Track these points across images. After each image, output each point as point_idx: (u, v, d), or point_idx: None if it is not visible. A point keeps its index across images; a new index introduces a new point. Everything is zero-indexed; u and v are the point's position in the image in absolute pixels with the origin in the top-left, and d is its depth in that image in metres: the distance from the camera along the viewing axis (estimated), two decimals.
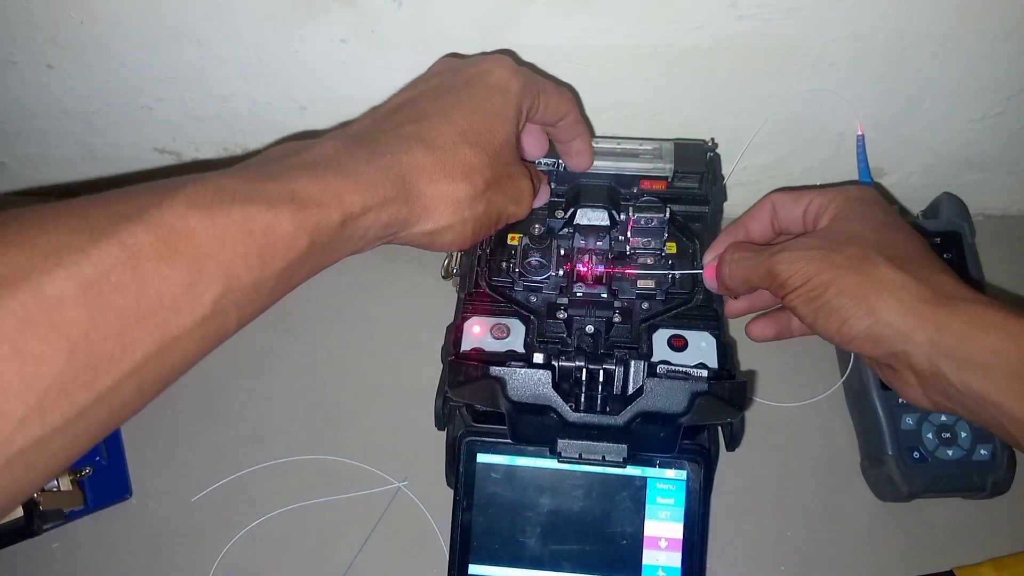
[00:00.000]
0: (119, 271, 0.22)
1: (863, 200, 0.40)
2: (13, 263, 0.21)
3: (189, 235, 0.24)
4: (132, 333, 0.23)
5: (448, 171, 0.33)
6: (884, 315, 0.34)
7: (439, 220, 0.33)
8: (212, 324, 0.25)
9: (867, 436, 0.49)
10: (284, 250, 0.27)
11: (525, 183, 0.38)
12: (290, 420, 0.52)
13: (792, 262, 0.37)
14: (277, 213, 0.26)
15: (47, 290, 0.21)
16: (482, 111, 0.36)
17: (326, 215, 0.28)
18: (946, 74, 0.49)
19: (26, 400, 0.20)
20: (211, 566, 0.47)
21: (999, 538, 0.47)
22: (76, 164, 0.59)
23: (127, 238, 0.23)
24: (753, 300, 0.45)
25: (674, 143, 0.49)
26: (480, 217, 0.35)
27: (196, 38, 0.48)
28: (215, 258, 0.25)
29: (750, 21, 0.44)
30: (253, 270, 0.26)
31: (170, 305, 0.23)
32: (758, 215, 0.44)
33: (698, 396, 0.36)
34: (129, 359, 0.23)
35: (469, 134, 0.34)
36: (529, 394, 0.37)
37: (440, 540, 0.47)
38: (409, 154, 0.32)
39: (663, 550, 0.42)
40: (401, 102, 0.36)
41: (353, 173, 0.30)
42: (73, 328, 0.21)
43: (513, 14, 0.45)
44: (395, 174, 0.31)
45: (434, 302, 0.51)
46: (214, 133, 0.56)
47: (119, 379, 0.23)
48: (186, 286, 0.24)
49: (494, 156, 0.35)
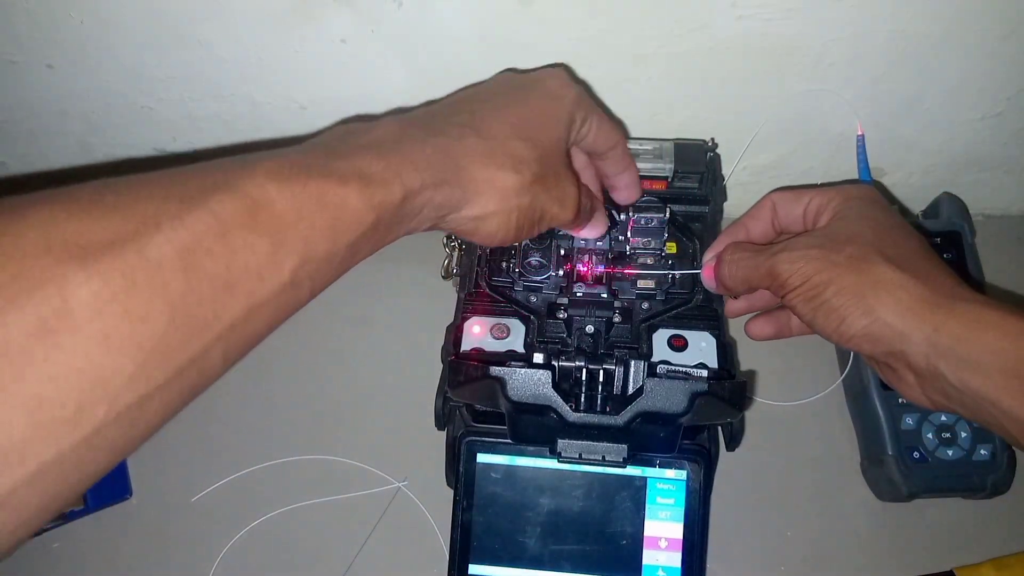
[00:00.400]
0: (211, 238, 0.23)
1: (863, 199, 0.40)
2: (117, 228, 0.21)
3: (270, 206, 0.25)
4: (222, 299, 0.23)
5: (498, 159, 0.34)
6: (882, 314, 0.35)
7: (486, 206, 0.34)
8: (290, 294, 0.26)
9: (867, 436, 0.49)
10: (353, 224, 0.28)
11: (572, 188, 0.38)
12: (290, 420, 0.52)
13: (792, 261, 0.37)
14: (347, 188, 0.27)
15: (149, 253, 0.21)
16: (535, 111, 0.37)
17: (390, 192, 0.29)
18: (946, 74, 0.49)
19: (135, 358, 0.21)
20: (211, 566, 0.47)
21: (999, 538, 0.47)
22: (76, 164, 0.59)
23: (216, 206, 0.24)
24: (752, 300, 0.45)
25: (674, 143, 0.49)
26: (525, 210, 0.35)
27: (196, 38, 0.48)
28: (294, 229, 0.25)
29: (750, 21, 0.44)
30: (326, 242, 0.27)
31: (255, 273, 0.24)
32: (758, 215, 0.44)
33: (698, 396, 0.36)
34: (219, 324, 0.23)
35: (521, 129, 0.35)
36: (529, 394, 0.37)
37: (440, 540, 0.47)
38: (462, 140, 0.33)
39: (663, 550, 0.42)
40: (458, 99, 0.37)
41: (412, 153, 0.31)
42: (173, 291, 0.22)
43: (513, 14, 0.45)
44: (449, 157, 0.32)
45: (434, 302, 0.51)
46: (214, 133, 0.56)
47: (209, 343, 0.23)
48: (269, 255, 0.25)
49: (543, 153, 0.36)
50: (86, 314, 0.20)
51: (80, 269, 0.20)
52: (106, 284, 0.20)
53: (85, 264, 0.20)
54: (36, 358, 0.19)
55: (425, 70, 0.49)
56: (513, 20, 0.45)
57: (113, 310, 0.20)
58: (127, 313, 0.21)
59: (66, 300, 0.20)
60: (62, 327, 0.19)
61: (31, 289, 0.19)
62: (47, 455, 0.19)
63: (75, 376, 0.20)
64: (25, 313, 0.19)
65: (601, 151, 0.42)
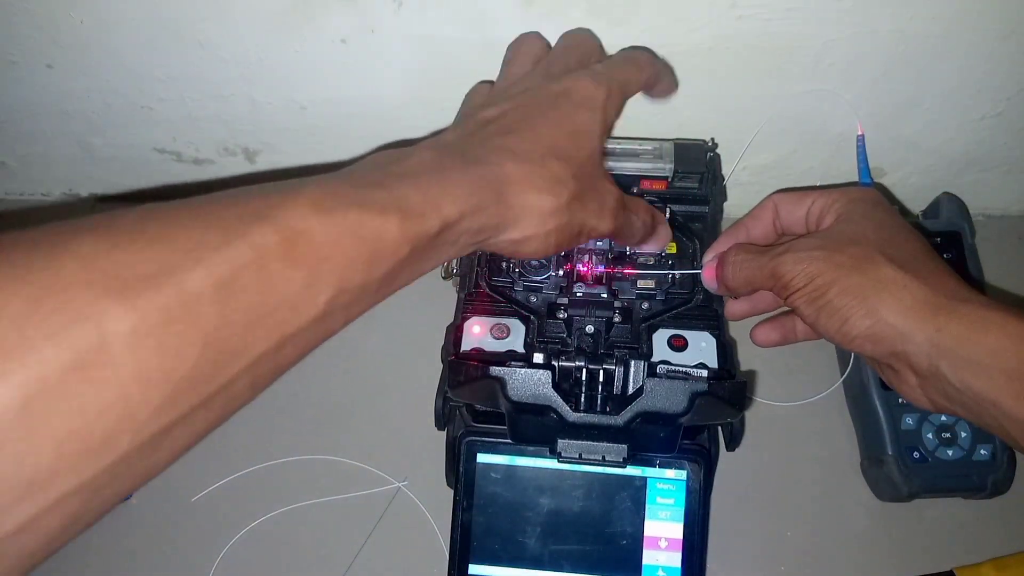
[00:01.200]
0: (248, 270, 0.23)
1: (866, 201, 0.40)
2: (159, 260, 0.21)
3: (310, 238, 0.25)
4: (254, 330, 0.23)
5: (535, 183, 0.33)
6: (885, 315, 0.35)
7: (525, 230, 0.34)
8: (322, 324, 0.26)
9: (867, 436, 0.49)
10: (389, 256, 0.28)
11: (610, 199, 0.38)
12: (290, 420, 0.52)
13: (795, 263, 0.37)
14: (385, 220, 0.27)
15: (188, 287, 0.22)
16: (568, 127, 0.36)
17: (427, 223, 0.29)
18: (946, 74, 0.49)
19: (163, 391, 0.21)
20: (211, 566, 0.47)
21: (999, 538, 0.47)
22: (76, 164, 0.59)
23: (256, 238, 0.23)
24: (755, 302, 0.45)
25: (674, 143, 0.49)
26: (563, 228, 0.35)
27: (196, 38, 0.48)
28: (331, 261, 0.25)
29: (750, 21, 0.44)
30: (361, 274, 0.27)
31: (289, 305, 0.24)
32: (760, 216, 0.44)
33: (698, 396, 0.36)
34: (248, 355, 0.23)
35: (556, 149, 0.35)
36: (529, 394, 0.37)
37: (440, 540, 0.47)
38: (501, 165, 0.33)
39: (663, 550, 0.42)
40: (490, 116, 0.37)
41: (450, 182, 0.30)
42: (206, 324, 0.22)
43: (514, 14, 0.45)
44: (488, 184, 0.32)
45: (434, 302, 0.51)
46: (214, 133, 0.56)
47: (237, 373, 0.23)
48: (305, 287, 0.25)
49: (579, 170, 0.35)
50: (121, 350, 0.20)
51: (119, 304, 0.20)
52: (143, 319, 0.20)
53: (124, 298, 0.20)
54: (69, 393, 0.19)
55: (425, 70, 0.49)
56: (513, 20, 0.45)
57: (148, 344, 0.20)
58: (161, 347, 0.21)
59: (103, 336, 0.20)
60: (98, 362, 0.19)
61: (70, 324, 0.19)
62: (70, 484, 0.20)
63: (105, 410, 0.20)
64: (62, 349, 0.19)
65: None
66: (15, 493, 0.19)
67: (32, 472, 0.19)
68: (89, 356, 0.19)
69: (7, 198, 0.63)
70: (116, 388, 0.20)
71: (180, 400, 0.22)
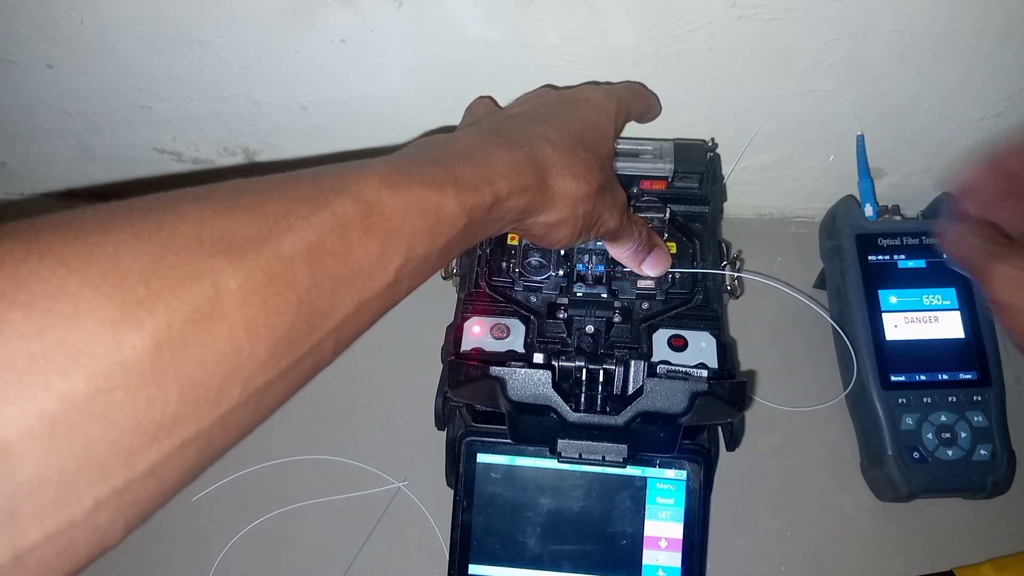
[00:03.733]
0: (332, 238, 0.25)
1: None
2: (256, 225, 0.23)
3: (381, 209, 0.27)
4: (339, 294, 0.25)
5: (571, 169, 0.36)
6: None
7: (560, 213, 0.36)
8: (392, 290, 0.28)
9: (867, 436, 0.49)
10: (448, 227, 0.30)
11: (621, 196, 0.41)
12: (290, 420, 0.52)
13: (1004, 280, 0.37)
14: (445, 194, 0.29)
15: (283, 250, 0.23)
16: (591, 125, 0.39)
17: (481, 197, 0.31)
18: (946, 74, 0.49)
19: (267, 346, 0.23)
20: (211, 566, 0.47)
21: (999, 538, 0.47)
22: (76, 164, 0.59)
23: (338, 208, 0.25)
24: None
25: (674, 143, 0.49)
26: (588, 216, 0.37)
27: (196, 38, 0.48)
28: (400, 231, 0.27)
29: (750, 21, 0.44)
30: (425, 244, 0.29)
31: (367, 271, 0.26)
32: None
33: (698, 396, 0.36)
34: (335, 317, 0.25)
35: (584, 141, 0.37)
36: (529, 394, 0.37)
37: (440, 540, 0.47)
38: (541, 150, 0.35)
39: (663, 550, 0.42)
40: (519, 111, 0.39)
41: (500, 161, 0.33)
42: (300, 285, 0.24)
43: (513, 14, 0.45)
44: (531, 166, 0.34)
45: (434, 302, 0.51)
46: (214, 133, 0.56)
47: (325, 334, 0.25)
48: (379, 255, 0.27)
49: (603, 163, 0.38)
50: (233, 304, 0.22)
51: (228, 263, 0.22)
52: (250, 276, 0.22)
53: (232, 258, 0.22)
54: (191, 342, 0.20)
55: (425, 70, 0.49)
56: (513, 20, 0.45)
57: (254, 300, 0.22)
58: (265, 304, 0.22)
59: (217, 290, 0.21)
60: (214, 315, 0.21)
61: (189, 279, 0.21)
62: (190, 431, 0.21)
63: (220, 359, 0.21)
64: (184, 301, 0.20)
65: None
66: (146, 436, 0.20)
67: (160, 416, 0.20)
68: (206, 308, 0.21)
69: (7, 198, 0.63)
70: (229, 340, 0.21)
71: (281, 356, 0.23)
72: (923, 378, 0.48)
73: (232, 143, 0.57)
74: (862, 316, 0.49)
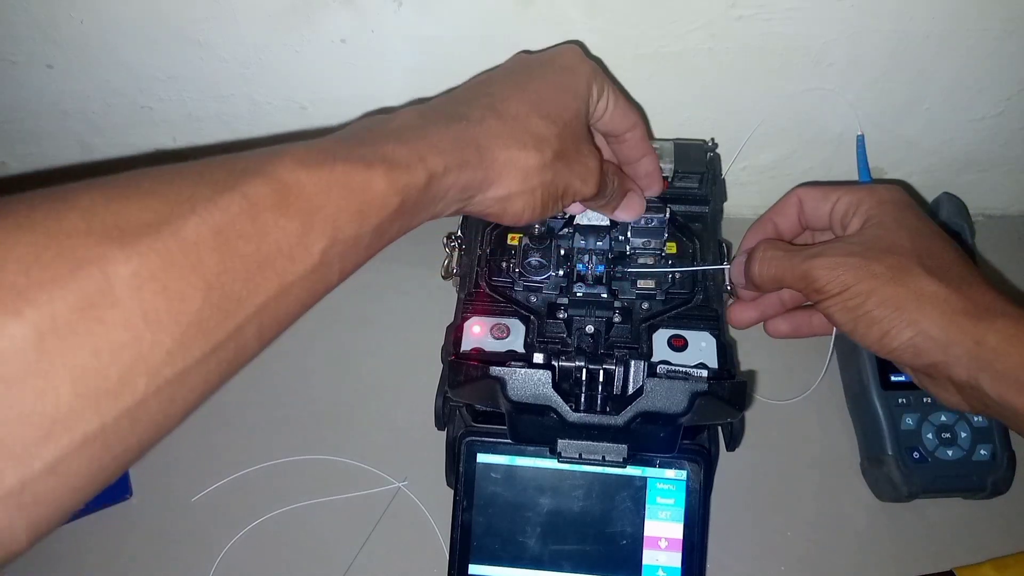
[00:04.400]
0: (242, 219, 0.24)
1: (896, 203, 0.39)
2: (154, 210, 0.22)
3: (300, 189, 0.26)
4: (255, 278, 0.24)
5: (518, 139, 0.34)
6: (926, 328, 0.35)
7: (510, 186, 0.34)
8: (319, 274, 0.27)
9: (867, 436, 0.49)
10: (379, 207, 0.29)
11: (592, 162, 0.38)
12: (290, 420, 0.52)
13: (831, 268, 0.37)
14: (372, 172, 0.28)
15: (185, 234, 0.23)
16: (554, 86, 0.37)
17: (414, 175, 0.30)
18: (946, 74, 0.49)
19: (172, 333, 0.22)
20: (211, 566, 0.47)
21: (999, 538, 0.47)
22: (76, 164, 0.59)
23: (248, 189, 0.25)
24: (763, 308, 0.46)
25: (674, 143, 0.49)
26: (548, 186, 0.36)
27: (196, 38, 0.48)
28: (322, 211, 0.26)
29: (750, 21, 0.44)
30: (353, 224, 0.28)
31: (286, 253, 0.25)
32: (784, 210, 0.44)
33: (698, 396, 0.36)
34: (252, 302, 0.25)
35: (541, 106, 0.36)
36: (529, 394, 0.37)
37: (440, 540, 0.47)
38: (483, 122, 0.34)
39: (663, 550, 0.42)
40: (476, 82, 0.38)
41: (434, 138, 0.32)
42: (208, 270, 0.23)
43: (513, 14, 0.45)
44: (471, 139, 0.33)
45: (434, 302, 0.51)
46: (214, 133, 0.56)
47: (244, 320, 0.24)
48: (299, 236, 0.26)
49: (563, 128, 0.36)
50: (126, 291, 0.21)
51: (120, 249, 0.21)
52: (144, 263, 0.21)
53: (124, 245, 0.21)
54: (80, 331, 0.20)
55: (425, 70, 0.49)
56: (513, 20, 0.45)
57: (152, 287, 0.21)
58: (165, 290, 0.22)
59: (107, 277, 0.21)
60: (104, 303, 0.20)
61: (74, 268, 0.20)
62: (92, 425, 0.20)
63: (117, 350, 0.21)
64: (69, 290, 0.20)
65: (619, 132, 0.42)
66: (40, 430, 0.19)
67: (53, 410, 0.19)
68: (95, 297, 0.20)
69: None
70: (125, 329, 0.21)
71: (192, 344, 0.23)
72: None
73: (232, 143, 0.57)
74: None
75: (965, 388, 0.35)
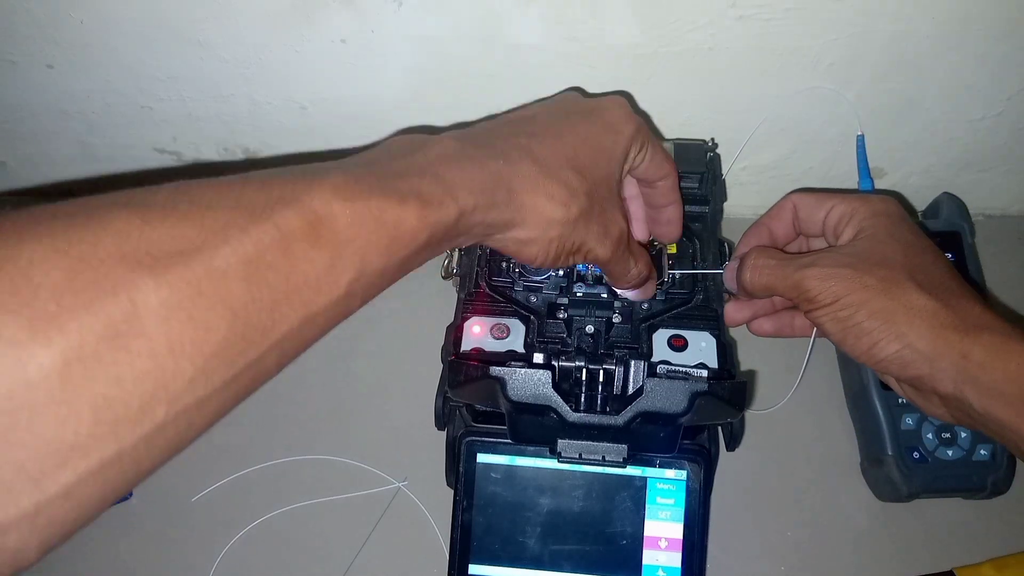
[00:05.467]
0: (273, 251, 0.24)
1: (890, 216, 0.40)
2: (187, 237, 0.22)
3: (332, 222, 0.26)
4: (281, 309, 0.24)
5: (548, 188, 0.34)
6: (913, 340, 0.36)
7: (530, 231, 0.34)
8: (343, 305, 0.27)
9: (867, 436, 0.49)
10: (408, 242, 0.29)
11: (615, 227, 0.38)
12: (290, 420, 0.52)
13: (822, 279, 0.38)
14: (405, 208, 0.28)
15: (216, 264, 0.23)
16: (593, 143, 0.37)
17: (445, 213, 0.30)
18: (946, 74, 0.49)
19: (196, 362, 0.22)
20: (211, 566, 0.47)
21: (999, 538, 0.47)
22: (76, 164, 0.59)
23: (280, 220, 0.25)
24: (755, 308, 0.46)
25: (674, 143, 0.49)
26: (565, 240, 0.35)
27: (196, 38, 0.48)
28: (352, 245, 0.26)
29: (750, 21, 0.44)
30: (381, 258, 0.28)
31: (313, 285, 0.25)
32: (779, 216, 0.44)
33: (698, 396, 0.36)
34: (276, 332, 0.25)
35: (576, 160, 0.35)
36: (529, 394, 0.37)
37: (440, 540, 0.47)
38: (518, 163, 0.33)
39: (663, 550, 0.42)
40: (520, 116, 0.38)
41: (468, 175, 0.31)
42: (235, 300, 0.23)
43: (513, 14, 0.45)
44: (504, 180, 0.33)
45: (434, 302, 0.51)
46: (214, 133, 0.56)
47: (266, 349, 0.24)
48: (327, 269, 0.26)
49: (593, 187, 0.36)
50: (154, 320, 0.21)
51: (150, 277, 0.21)
52: (173, 292, 0.21)
53: (155, 273, 0.21)
54: (105, 360, 0.20)
55: (425, 70, 0.49)
56: (513, 20, 0.45)
57: (179, 317, 0.21)
58: (192, 320, 0.22)
59: (136, 306, 0.21)
60: (131, 332, 0.20)
61: (104, 294, 0.20)
62: (109, 451, 0.20)
63: (140, 378, 0.21)
64: (98, 318, 0.20)
65: (652, 180, 0.41)
66: (58, 457, 0.19)
67: (73, 437, 0.19)
68: (122, 326, 0.20)
69: (7, 198, 0.63)
70: (150, 358, 0.21)
71: (213, 373, 0.23)
72: None
73: (232, 143, 0.57)
74: None
75: (951, 401, 0.36)
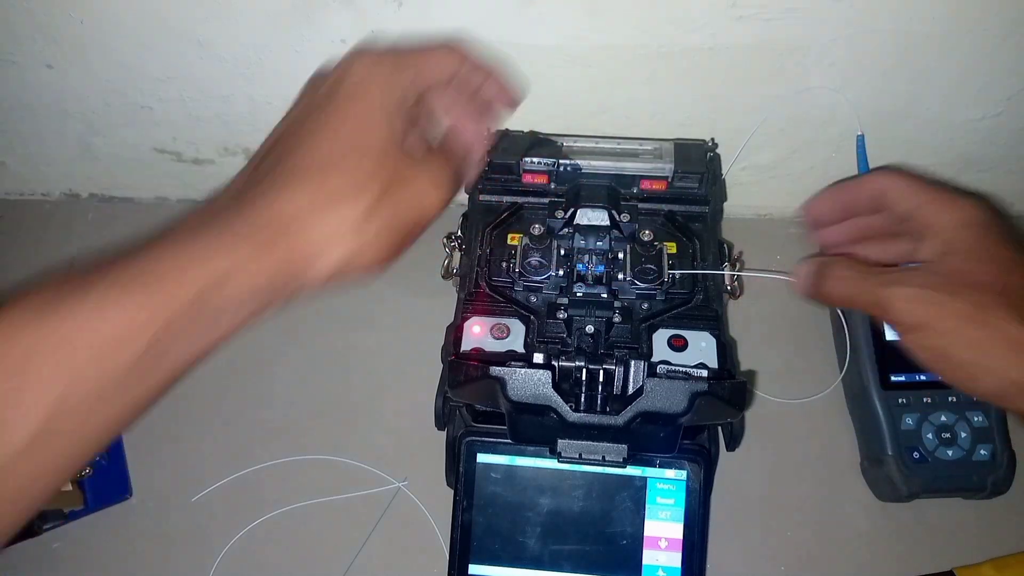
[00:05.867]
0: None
1: (982, 226, 0.37)
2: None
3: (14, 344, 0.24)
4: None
5: (328, 199, 0.30)
6: (1017, 378, 0.34)
7: (339, 252, 0.30)
8: (49, 443, 0.24)
9: (867, 436, 0.49)
10: (122, 350, 0.25)
11: (425, 174, 0.33)
12: (290, 420, 0.52)
13: (909, 300, 0.36)
14: (105, 309, 0.25)
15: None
16: (350, 121, 0.32)
17: (171, 295, 0.26)
18: (946, 74, 0.49)
19: None
20: (211, 566, 0.47)
21: (999, 538, 0.47)
22: (76, 164, 0.59)
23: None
24: (851, 231, 0.44)
25: (674, 143, 0.49)
26: (391, 222, 0.31)
27: (196, 38, 0.48)
28: (41, 371, 0.24)
29: (750, 21, 0.44)
30: (92, 372, 0.25)
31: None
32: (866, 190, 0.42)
33: (698, 396, 0.36)
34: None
35: (343, 152, 0.31)
36: (529, 394, 0.37)
37: (440, 540, 0.47)
38: (280, 196, 0.29)
39: (663, 550, 0.42)
40: (273, 141, 0.34)
41: (213, 232, 0.28)
42: None
43: (513, 14, 0.45)
44: (269, 219, 0.29)
45: (434, 302, 0.51)
46: (214, 133, 0.56)
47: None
48: (15, 391, 0.24)
49: (378, 161, 0.31)
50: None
51: None
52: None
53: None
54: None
55: None
56: (513, 20, 0.45)
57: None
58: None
59: None
60: None
61: None
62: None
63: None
64: None
65: (449, 75, 0.37)
66: None
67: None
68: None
69: (7, 198, 0.63)
70: None
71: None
72: (923, 378, 0.48)
73: (232, 143, 0.57)
74: (862, 316, 0.49)
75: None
